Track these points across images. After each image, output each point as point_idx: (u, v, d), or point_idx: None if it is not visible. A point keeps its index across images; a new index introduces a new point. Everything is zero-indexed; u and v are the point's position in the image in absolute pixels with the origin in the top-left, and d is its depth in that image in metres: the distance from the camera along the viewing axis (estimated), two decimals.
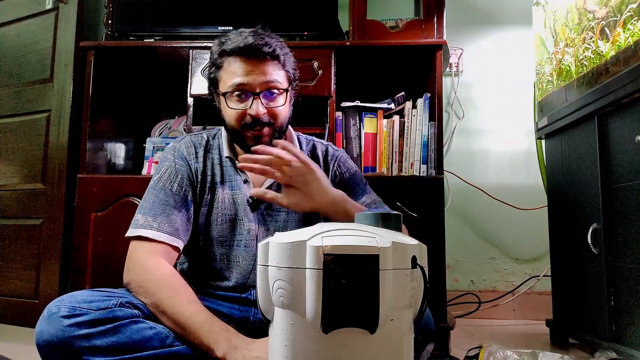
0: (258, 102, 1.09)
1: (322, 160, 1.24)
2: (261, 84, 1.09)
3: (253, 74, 1.08)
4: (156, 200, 1.09)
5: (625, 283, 1.37)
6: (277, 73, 1.11)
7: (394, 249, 0.65)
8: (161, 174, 1.13)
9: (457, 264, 2.30)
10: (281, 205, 1.06)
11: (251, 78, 1.08)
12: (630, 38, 1.31)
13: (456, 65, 2.37)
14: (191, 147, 1.18)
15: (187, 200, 1.12)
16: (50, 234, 1.95)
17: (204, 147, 1.19)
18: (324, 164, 1.24)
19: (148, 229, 1.04)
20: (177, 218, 1.08)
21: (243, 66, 1.09)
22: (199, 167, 1.16)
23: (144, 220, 1.06)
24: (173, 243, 1.05)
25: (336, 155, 1.27)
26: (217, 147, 1.20)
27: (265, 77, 1.09)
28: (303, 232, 0.68)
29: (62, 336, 0.86)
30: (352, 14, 1.87)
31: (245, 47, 1.09)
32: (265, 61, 1.10)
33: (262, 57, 1.09)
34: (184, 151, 1.17)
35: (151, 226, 1.04)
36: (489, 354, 1.20)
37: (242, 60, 1.09)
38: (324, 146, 1.28)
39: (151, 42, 1.88)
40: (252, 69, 1.09)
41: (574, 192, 1.65)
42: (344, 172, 1.24)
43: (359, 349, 0.64)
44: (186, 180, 1.13)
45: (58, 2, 2.06)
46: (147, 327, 0.91)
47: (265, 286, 0.69)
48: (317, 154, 1.25)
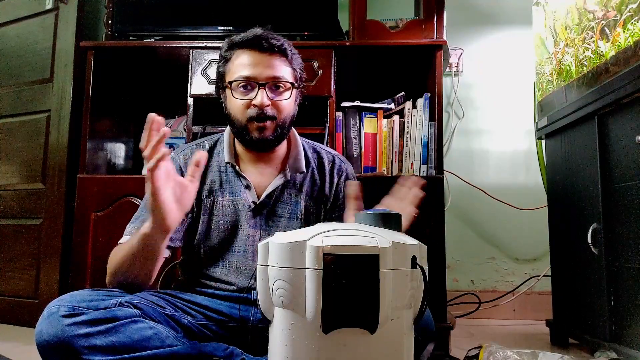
0: (263, 93, 1.08)
1: (328, 170, 1.22)
2: (267, 76, 1.09)
3: (260, 66, 1.09)
4: (144, 209, 1.10)
5: (625, 283, 1.37)
6: (284, 68, 1.12)
7: (394, 249, 0.65)
8: None
9: (457, 264, 2.30)
10: None
11: (258, 70, 1.09)
12: (630, 38, 1.31)
13: (456, 65, 2.37)
14: (190, 158, 1.18)
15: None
16: (50, 234, 1.95)
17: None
18: (329, 175, 1.22)
19: (128, 235, 1.06)
20: None
21: (251, 58, 1.10)
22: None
23: (129, 228, 1.09)
24: None
25: (343, 169, 1.25)
26: (218, 154, 1.20)
27: (272, 70, 1.09)
28: (303, 232, 0.68)
29: (61, 336, 0.86)
30: (352, 14, 1.87)
31: (254, 38, 1.10)
32: (273, 55, 1.10)
33: (270, 51, 1.10)
34: (181, 162, 1.17)
35: (131, 233, 1.06)
36: (489, 354, 1.20)
37: (250, 52, 1.10)
38: (330, 156, 1.26)
39: (151, 42, 1.88)
40: (259, 61, 1.09)
41: (574, 192, 1.65)
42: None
43: (359, 349, 0.64)
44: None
45: (58, 2, 2.06)
46: (146, 326, 0.91)
47: (265, 286, 0.69)
48: (323, 163, 1.23)
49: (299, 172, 1.19)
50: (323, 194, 1.21)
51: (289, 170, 1.17)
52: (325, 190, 1.21)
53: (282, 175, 1.17)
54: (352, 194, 1.05)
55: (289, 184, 1.18)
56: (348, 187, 1.10)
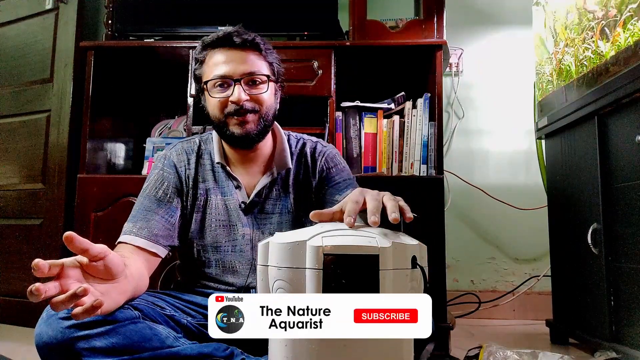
0: (240, 88, 1.08)
1: (309, 156, 1.22)
2: (242, 72, 1.09)
3: (233, 62, 1.09)
4: (140, 208, 1.10)
5: (625, 283, 1.37)
6: (258, 62, 1.11)
7: (394, 249, 0.65)
8: (149, 182, 1.15)
9: (457, 264, 2.30)
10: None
11: (232, 66, 1.09)
12: (630, 38, 1.31)
13: (456, 65, 2.37)
14: (182, 155, 1.18)
15: (172, 207, 1.12)
16: (50, 234, 1.95)
17: (196, 153, 1.19)
18: (311, 160, 1.22)
19: (127, 234, 1.05)
20: (158, 224, 1.08)
21: (223, 56, 1.10)
22: (191, 173, 1.16)
23: (127, 226, 1.07)
24: (150, 249, 1.05)
25: (324, 151, 1.24)
26: (209, 152, 1.20)
27: (246, 65, 1.09)
28: (303, 232, 0.68)
29: (61, 338, 0.86)
30: (352, 14, 1.87)
31: (225, 36, 1.10)
32: (246, 50, 1.10)
33: (242, 46, 1.10)
34: (175, 159, 1.17)
35: (131, 231, 1.05)
36: (489, 354, 1.20)
37: (223, 50, 1.10)
38: (313, 143, 1.26)
39: (151, 42, 1.88)
40: (233, 57, 1.09)
41: (574, 192, 1.65)
42: (331, 167, 1.22)
43: (359, 349, 0.64)
44: (172, 187, 1.13)
45: (58, 2, 2.06)
46: (146, 327, 0.91)
47: (265, 286, 0.69)
48: (305, 151, 1.23)
49: (286, 169, 1.19)
50: (307, 181, 1.20)
51: (276, 168, 1.18)
52: (309, 176, 1.20)
53: (269, 173, 1.17)
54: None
55: (276, 181, 1.18)
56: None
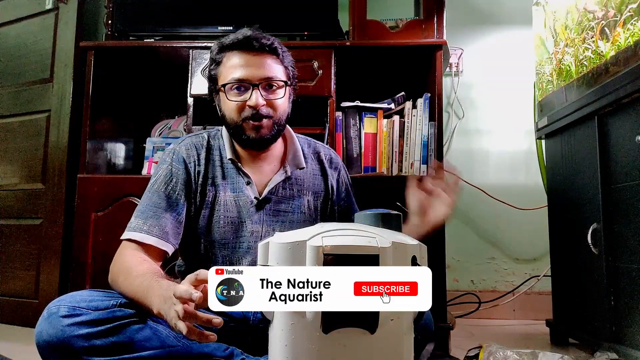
0: (257, 93, 1.09)
1: (327, 166, 1.27)
2: (260, 77, 1.10)
3: (252, 66, 1.09)
4: (149, 204, 1.09)
5: (625, 283, 1.37)
6: (275, 67, 1.12)
7: (394, 249, 0.65)
8: (157, 177, 1.14)
9: (457, 264, 2.30)
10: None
11: (250, 71, 1.09)
12: (630, 38, 1.31)
13: (456, 65, 2.37)
14: (192, 149, 1.17)
15: (180, 204, 1.11)
16: (50, 234, 1.95)
17: (206, 148, 1.19)
18: (330, 167, 1.28)
19: (138, 231, 1.05)
20: (168, 222, 1.08)
21: (242, 60, 1.10)
22: (201, 169, 1.16)
23: (136, 223, 1.07)
24: (161, 247, 1.06)
25: (339, 164, 1.31)
26: (218, 148, 1.20)
27: (264, 70, 1.10)
28: (303, 232, 0.68)
29: (61, 336, 0.86)
30: (352, 14, 1.87)
31: (244, 40, 1.10)
32: (264, 54, 1.11)
33: (261, 50, 1.10)
34: (184, 154, 1.16)
35: (141, 229, 1.05)
36: (489, 354, 1.20)
37: (241, 53, 1.11)
38: (327, 151, 1.31)
39: (151, 42, 1.88)
40: (251, 62, 1.10)
41: (574, 192, 1.65)
42: (348, 183, 1.31)
43: (359, 349, 0.64)
44: (181, 184, 1.13)
45: (58, 2, 2.06)
46: (146, 326, 0.91)
47: None
48: (321, 158, 1.27)
49: (300, 168, 1.21)
50: (324, 188, 1.24)
51: (289, 167, 1.19)
52: (329, 184, 1.24)
53: (283, 171, 1.18)
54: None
55: (290, 180, 1.19)
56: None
